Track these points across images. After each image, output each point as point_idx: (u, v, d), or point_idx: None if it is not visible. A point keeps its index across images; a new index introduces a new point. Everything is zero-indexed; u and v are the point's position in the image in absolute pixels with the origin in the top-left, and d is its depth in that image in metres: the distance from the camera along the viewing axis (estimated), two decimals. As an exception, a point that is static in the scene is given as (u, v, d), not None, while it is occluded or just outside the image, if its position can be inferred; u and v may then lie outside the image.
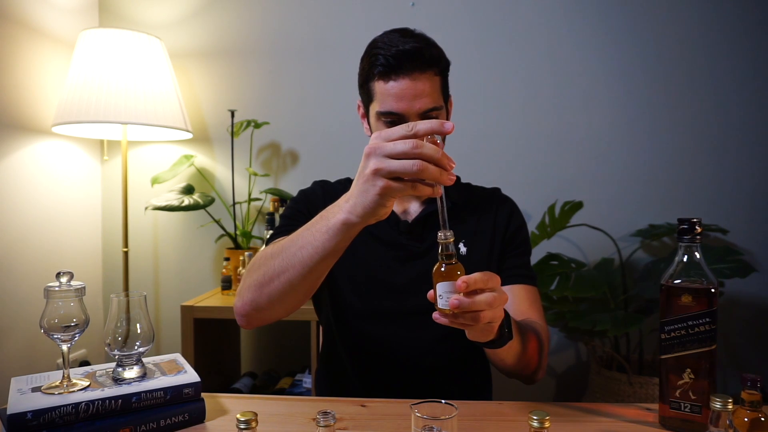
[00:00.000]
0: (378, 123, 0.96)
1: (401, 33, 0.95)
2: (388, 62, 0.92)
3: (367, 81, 0.96)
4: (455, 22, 1.99)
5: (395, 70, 0.92)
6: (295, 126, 2.05)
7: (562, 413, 0.82)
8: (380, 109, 0.94)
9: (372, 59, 0.94)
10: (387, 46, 0.92)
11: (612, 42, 1.96)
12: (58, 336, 0.74)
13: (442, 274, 0.67)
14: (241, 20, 2.05)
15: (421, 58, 0.92)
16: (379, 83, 0.94)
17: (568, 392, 2.03)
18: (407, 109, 0.92)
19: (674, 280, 0.75)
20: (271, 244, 0.91)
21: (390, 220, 1.02)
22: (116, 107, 1.62)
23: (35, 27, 1.73)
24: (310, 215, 0.88)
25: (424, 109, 0.92)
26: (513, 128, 2.00)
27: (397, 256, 1.02)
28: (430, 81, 0.93)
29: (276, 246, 0.83)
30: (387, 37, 0.95)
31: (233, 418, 0.71)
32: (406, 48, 0.91)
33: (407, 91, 0.92)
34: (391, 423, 0.76)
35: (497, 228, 1.05)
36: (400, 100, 0.92)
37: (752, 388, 0.63)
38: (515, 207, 1.10)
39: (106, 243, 2.10)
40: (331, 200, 0.88)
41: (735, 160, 1.94)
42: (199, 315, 1.64)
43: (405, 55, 0.91)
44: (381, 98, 0.94)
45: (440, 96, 0.96)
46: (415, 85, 0.92)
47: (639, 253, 1.92)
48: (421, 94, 0.92)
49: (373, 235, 1.02)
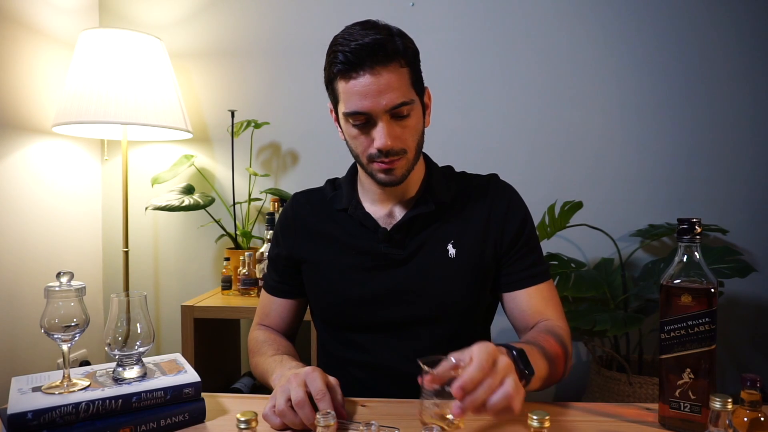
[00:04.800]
0: (347, 125, 0.91)
1: (362, 25, 0.88)
2: (347, 59, 0.85)
3: (331, 82, 0.90)
4: (455, 22, 1.99)
5: (355, 67, 0.85)
6: (295, 126, 2.05)
7: (562, 413, 0.82)
8: (346, 110, 0.88)
9: (331, 57, 0.88)
10: (346, 41, 0.86)
11: (612, 42, 1.96)
12: (59, 336, 0.74)
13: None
14: (241, 20, 2.05)
15: (382, 50, 0.84)
16: (341, 83, 0.87)
17: (568, 392, 2.03)
18: (373, 107, 0.86)
19: (674, 280, 0.75)
20: (254, 328, 1.09)
21: (369, 228, 0.98)
22: (116, 107, 1.62)
23: (35, 27, 1.74)
24: (288, 247, 1.05)
25: (392, 105, 0.86)
26: (513, 128, 2.00)
27: (377, 266, 0.97)
28: (396, 74, 0.86)
29: (255, 345, 1.02)
30: (347, 32, 0.88)
31: (233, 418, 0.71)
32: (366, 42, 0.84)
33: (371, 88, 0.85)
34: (391, 423, 0.76)
35: (492, 224, 0.98)
36: (365, 97, 0.85)
37: (752, 388, 0.63)
38: (514, 196, 1.02)
39: (106, 243, 2.11)
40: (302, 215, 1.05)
41: (735, 160, 1.94)
42: (199, 315, 1.64)
43: (364, 49, 0.84)
44: (345, 98, 0.88)
45: (410, 89, 0.89)
46: (379, 81, 0.85)
47: (639, 253, 1.92)
48: (386, 89, 0.85)
49: (351, 246, 0.99)
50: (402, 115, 0.88)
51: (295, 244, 1.04)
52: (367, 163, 0.92)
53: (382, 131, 0.87)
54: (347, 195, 1.02)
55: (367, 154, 0.91)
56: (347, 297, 0.99)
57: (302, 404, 0.73)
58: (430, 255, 0.96)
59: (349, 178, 1.05)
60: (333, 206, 1.03)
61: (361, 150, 0.92)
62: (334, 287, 1.00)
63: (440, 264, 0.96)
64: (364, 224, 0.98)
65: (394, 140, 0.88)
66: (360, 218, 0.99)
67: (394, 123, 0.88)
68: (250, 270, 1.75)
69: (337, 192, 1.05)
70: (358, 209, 0.99)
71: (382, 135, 0.87)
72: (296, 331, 1.13)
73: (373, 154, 0.90)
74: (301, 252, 1.03)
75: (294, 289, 1.07)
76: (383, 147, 0.87)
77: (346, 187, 1.03)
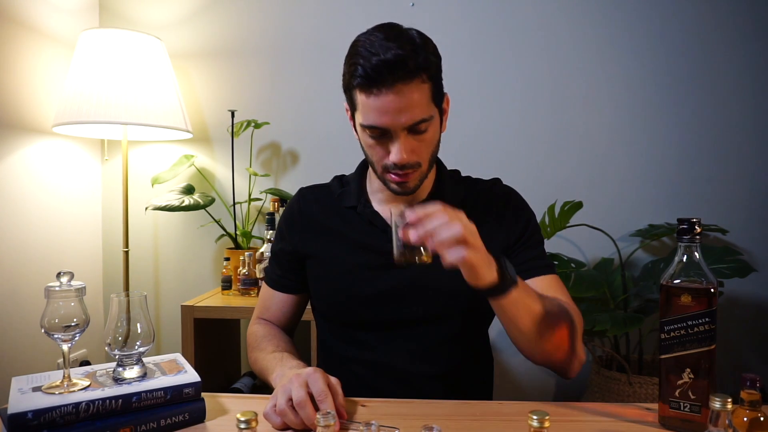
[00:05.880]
0: (363, 133, 0.91)
1: (385, 34, 0.85)
2: (367, 74, 0.82)
3: (349, 89, 0.89)
4: (455, 22, 2.00)
5: (376, 83, 0.83)
6: (295, 126, 2.05)
7: (561, 413, 0.82)
8: (363, 122, 0.88)
9: (351, 67, 0.86)
10: (367, 54, 0.83)
11: (612, 42, 1.97)
12: (59, 336, 0.74)
13: None
14: (241, 20, 2.05)
15: (405, 67, 0.82)
16: (360, 95, 0.86)
17: (568, 392, 2.03)
18: (392, 123, 0.85)
19: (674, 279, 0.75)
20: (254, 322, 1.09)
21: (378, 227, 0.99)
22: (116, 107, 1.62)
23: (35, 27, 1.74)
24: (293, 242, 1.04)
25: (411, 122, 0.85)
26: (513, 128, 2.00)
27: (384, 264, 0.96)
28: (418, 90, 0.84)
29: (255, 340, 1.03)
30: (369, 41, 0.84)
31: (233, 418, 0.71)
32: (388, 57, 0.81)
33: (390, 105, 0.83)
34: (391, 423, 0.76)
35: (498, 226, 0.99)
36: (383, 114, 0.84)
37: (751, 388, 0.63)
38: (518, 198, 1.05)
39: (106, 243, 2.11)
40: (308, 211, 1.04)
41: (735, 160, 1.94)
42: (200, 315, 1.64)
43: (386, 66, 0.81)
44: (363, 110, 0.87)
45: (430, 104, 0.87)
46: (399, 98, 0.83)
47: (639, 253, 1.92)
48: (406, 107, 0.84)
49: (359, 244, 1.00)
50: (420, 130, 0.88)
51: (300, 240, 1.04)
52: (381, 172, 0.93)
53: (398, 146, 0.87)
54: (356, 193, 1.02)
55: (383, 164, 0.91)
56: (353, 294, 0.99)
57: (303, 404, 0.73)
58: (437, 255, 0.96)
59: (358, 175, 1.05)
60: (341, 203, 1.03)
61: (377, 159, 0.92)
62: (341, 284, 1.00)
63: None
64: (372, 223, 0.99)
65: (410, 155, 0.88)
66: (369, 216, 1.00)
67: (411, 137, 0.88)
68: (250, 270, 1.75)
69: (345, 189, 1.05)
70: (367, 207, 1.00)
71: (398, 150, 0.87)
72: (296, 326, 1.13)
73: (388, 166, 0.90)
74: (306, 247, 1.04)
75: (296, 284, 1.07)
76: (399, 162, 0.88)
77: (354, 184, 1.04)
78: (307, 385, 0.76)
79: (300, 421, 0.74)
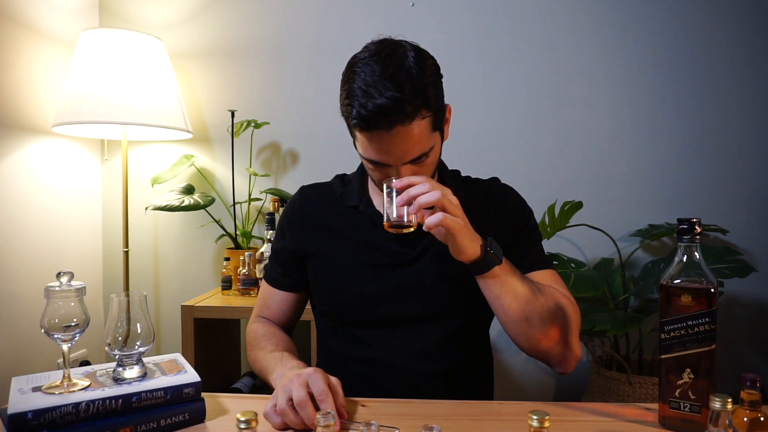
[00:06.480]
0: (363, 159, 0.92)
1: (382, 68, 0.81)
2: (362, 117, 0.81)
3: (346, 120, 0.88)
4: (455, 22, 2.00)
5: (372, 126, 0.82)
6: (295, 126, 2.05)
7: (561, 413, 0.82)
8: (362, 154, 0.90)
9: (348, 108, 0.84)
10: (363, 95, 0.80)
11: (612, 42, 1.97)
12: (59, 336, 0.74)
13: None
14: (242, 20, 2.05)
15: (402, 111, 0.80)
16: (358, 132, 0.86)
17: (568, 392, 2.03)
18: (389, 160, 0.87)
19: (674, 280, 0.75)
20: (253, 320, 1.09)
21: (379, 226, 0.98)
22: (116, 107, 1.62)
23: (35, 27, 1.73)
24: (294, 240, 1.04)
25: (410, 158, 0.86)
26: (513, 128, 2.00)
27: (386, 263, 0.98)
28: (418, 127, 0.83)
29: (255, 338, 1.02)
30: (364, 73, 0.82)
31: (233, 418, 0.71)
32: (384, 103, 0.79)
33: (389, 147, 0.84)
34: (391, 423, 0.76)
35: (497, 225, 0.99)
36: (380, 153, 0.86)
37: (751, 388, 0.63)
38: (516, 197, 1.06)
39: (106, 243, 2.11)
40: (310, 209, 1.05)
41: (735, 160, 1.94)
42: (199, 315, 1.64)
43: (383, 111, 0.79)
44: (362, 146, 0.88)
45: (429, 137, 0.87)
46: (399, 140, 0.83)
47: (639, 253, 1.92)
48: (406, 147, 0.84)
49: (361, 243, 1.00)
50: (421, 161, 0.89)
51: (302, 238, 1.04)
52: (382, 188, 0.93)
53: (399, 174, 0.88)
54: (358, 192, 1.03)
55: (383, 183, 0.91)
56: (355, 293, 0.99)
57: (304, 404, 0.73)
58: (439, 254, 0.97)
59: (360, 175, 1.06)
60: (343, 202, 1.04)
61: (377, 179, 0.94)
62: (342, 282, 1.01)
63: (448, 263, 0.96)
64: (374, 222, 0.99)
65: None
66: (371, 216, 1.00)
67: (412, 164, 0.89)
68: (250, 270, 1.75)
69: (346, 188, 1.06)
70: (369, 207, 1.01)
71: (399, 177, 0.87)
72: (295, 325, 1.13)
73: None
74: (307, 246, 1.04)
75: (297, 283, 1.07)
76: (400, 188, 0.87)
77: (356, 184, 1.04)
78: (308, 385, 0.76)
79: (300, 421, 0.74)
